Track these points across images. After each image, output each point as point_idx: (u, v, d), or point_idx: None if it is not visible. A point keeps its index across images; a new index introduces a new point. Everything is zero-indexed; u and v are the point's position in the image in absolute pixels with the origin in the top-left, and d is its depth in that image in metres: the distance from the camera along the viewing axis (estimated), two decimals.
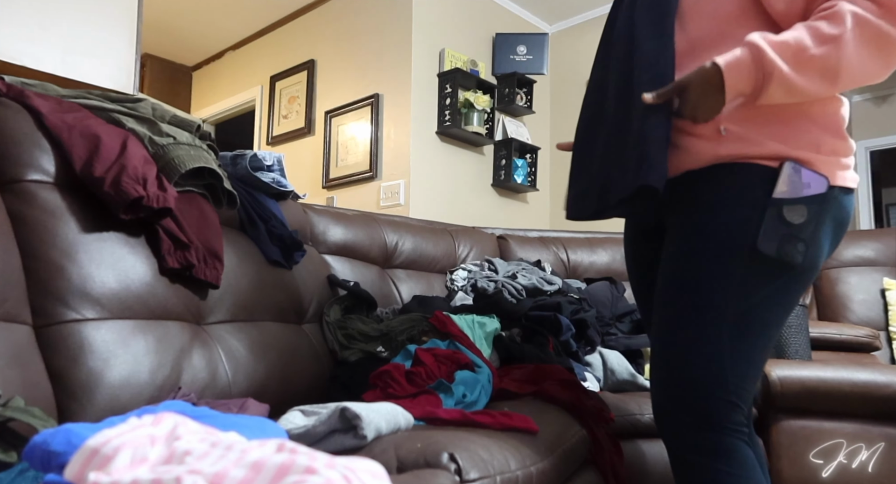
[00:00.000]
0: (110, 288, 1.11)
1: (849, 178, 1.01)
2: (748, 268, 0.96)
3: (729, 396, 0.97)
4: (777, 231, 0.94)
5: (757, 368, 1.00)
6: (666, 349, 1.03)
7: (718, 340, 0.97)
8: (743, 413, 0.99)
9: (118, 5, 1.97)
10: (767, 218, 0.94)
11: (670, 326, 1.02)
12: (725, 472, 0.96)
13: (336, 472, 0.46)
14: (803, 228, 0.95)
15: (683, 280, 1.01)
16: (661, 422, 1.04)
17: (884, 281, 2.44)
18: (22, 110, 1.13)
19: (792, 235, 0.94)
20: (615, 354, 1.99)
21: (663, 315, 1.04)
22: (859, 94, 5.12)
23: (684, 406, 0.99)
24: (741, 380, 0.98)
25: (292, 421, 0.98)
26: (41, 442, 0.54)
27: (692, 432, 0.99)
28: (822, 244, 0.98)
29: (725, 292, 0.97)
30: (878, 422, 1.63)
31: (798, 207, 0.94)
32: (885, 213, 6.70)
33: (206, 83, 4.83)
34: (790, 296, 1.00)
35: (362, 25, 3.63)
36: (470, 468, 0.88)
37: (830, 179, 0.97)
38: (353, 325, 1.66)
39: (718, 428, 0.97)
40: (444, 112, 3.39)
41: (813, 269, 0.99)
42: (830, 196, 0.96)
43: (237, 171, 1.67)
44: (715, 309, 0.97)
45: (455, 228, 2.54)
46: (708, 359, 0.97)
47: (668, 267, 1.04)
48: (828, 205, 0.96)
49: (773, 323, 1.00)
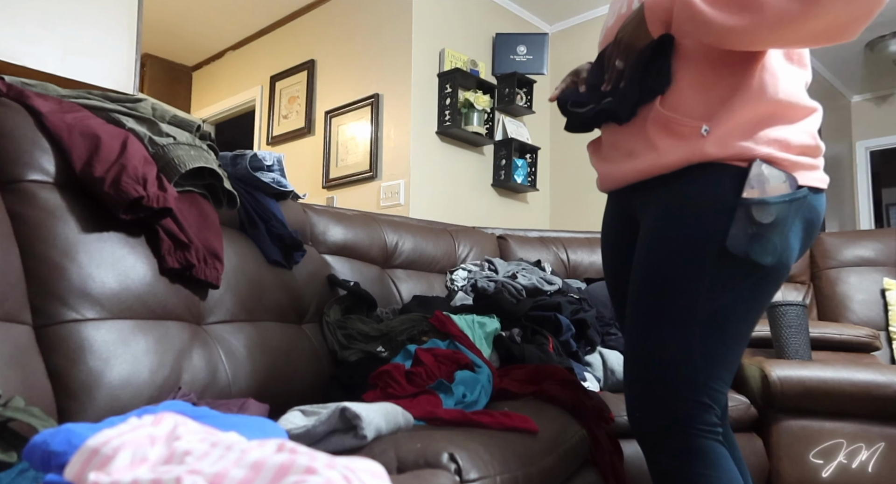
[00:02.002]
0: (110, 288, 1.11)
1: (818, 178, 1.01)
2: (718, 268, 0.96)
3: (700, 396, 0.97)
4: (746, 231, 0.95)
5: (729, 368, 1.01)
6: (637, 350, 1.03)
7: (688, 340, 0.97)
8: (715, 413, 0.99)
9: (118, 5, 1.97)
10: (737, 218, 0.95)
11: (641, 327, 1.03)
12: (699, 473, 0.96)
13: (336, 472, 0.46)
14: (772, 228, 0.95)
15: (653, 280, 1.01)
16: (634, 423, 1.04)
17: (884, 281, 2.44)
18: (22, 110, 1.13)
19: (761, 235, 0.95)
20: (615, 354, 1.99)
21: (634, 315, 1.04)
22: (859, 94, 5.12)
23: (655, 407, 1.00)
24: (713, 380, 0.98)
25: (292, 421, 0.98)
26: (41, 442, 0.54)
27: (664, 433, 0.99)
28: (792, 244, 0.99)
29: (695, 292, 0.97)
30: (878, 422, 1.63)
31: (767, 207, 0.95)
32: (885, 213, 6.70)
33: (206, 83, 4.83)
34: (761, 295, 1.00)
35: (362, 25, 3.63)
36: (470, 468, 0.88)
37: (799, 179, 0.98)
38: (353, 325, 1.66)
39: (690, 429, 0.97)
40: (444, 112, 3.39)
41: (783, 268, 0.99)
42: (800, 196, 0.97)
43: (237, 171, 1.67)
44: (685, 309, 0.98)
45: (455, 228, 2.54)
46: (678, 360, 0.98)
47: (639, 266, 1.05)
48: (797, 205, 0.97)
49: (745, 322, 1.00)
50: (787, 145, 0.98)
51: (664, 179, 1.03)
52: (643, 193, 1.08)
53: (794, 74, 1.02)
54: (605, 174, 1.17)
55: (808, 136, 1.01)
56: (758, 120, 0.98)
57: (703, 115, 0.99)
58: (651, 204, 1.06)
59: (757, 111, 0.98)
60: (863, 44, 4.17)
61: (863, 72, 4.66)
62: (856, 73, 4.68)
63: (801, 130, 1.00)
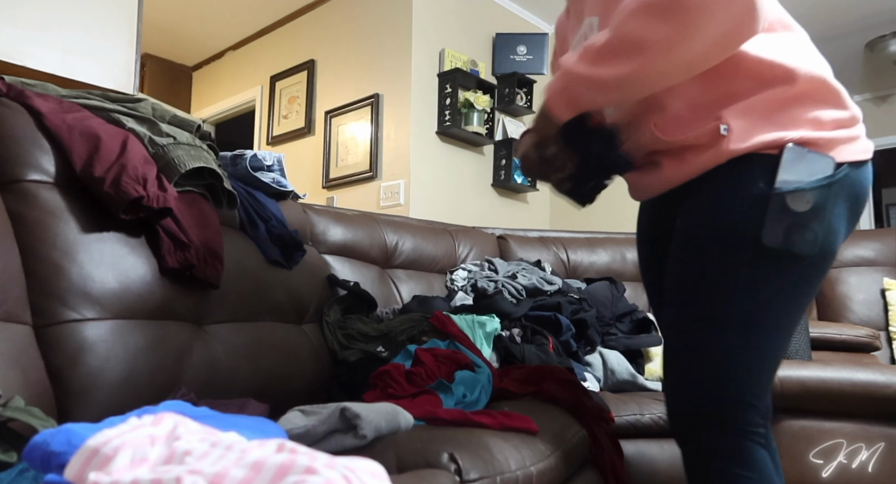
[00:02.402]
0: (110, 288, 1.11)
1: (858, 150, 0.95)
2: (755, 263, 0.92)
3: (743, 396, 0.94)
4: (782, 222, 0.89)
5: (773, 364, 0.97)
6: (676, 352, 1.01)
7: (728, 339, 0.94)
8: (759, 413, 0.96)
9: (118, 5, 1.97)
10: (770, 209, 0.90)
11: (679, 329, 1.00)
12: (741, 475, 0.93)
13: (336, 472, 0.46)
14: (811, 216, 0.90)
15: (690, 280, 0.99)
16: (675, 425, 1.01)
17: (884, 281, 2.44)
18: (22, 110, 1.13)
19: (798, 224, 0.89)
20: (615, 354, 1.99)
21: (672, 317, 1.02)
22: (859, 94, 5.12)
23: (697, 409, 0.97)
24: (755, 379, 0.95)
25: (292, 421, 0.98)
26: (41, 442, 0.53)
27: (706, 435, 0.96)
28: (836, 228, 0.93)
29: (733, 290, 0.94)
30: (878, 422, 1.63)
31: (803, 194, 0.89)
32: (885, 213, 6.70)
33: (206, 83, 4.82)
34: (805, 286, 0.95)
35: (362, 25, 3.63)
36: (470, 468, 0.88)
37: (838, 156, 0.92)
38: (353, 325, 1.66)
39: (733, 430, 0.94)
40: (444, 112, 3.39)
41: (827, 255, 0.94)
42: (839, 177, 0.91)
43: (237, 171, 1.67)
44: (723, 308, 0.94)
45: (455, 228, 2.54)
46: (718, 361, 0.95)
47: (675, 268, 1.02)
48: (837, 186, 0.91)
49: (788, 316, 0.96)
50: (818, 123, 0.92)
51: (695, 181, 1.00)
52: (674, 194, 1.05)
53: (787, 40, 0.96)
54: (633, 181, 1.15)
55: (839, 105, 0.94)
56: (776, 102, 0.93)
57: (713, 116, 0.95)
58: (683, 202, 1.03)
59: (771, 94, 0.93)
60: (863, 44, 4.17)
61: (863, 72, 4.65)
62: (856, 73, 4.68)
63: (829, 99, 0.94)
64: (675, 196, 1.05)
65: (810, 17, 1.04)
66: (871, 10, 3.75)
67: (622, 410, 1.63)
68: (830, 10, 3.71)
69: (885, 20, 3.88)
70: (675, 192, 1.05)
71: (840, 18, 3.84)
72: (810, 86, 0.94)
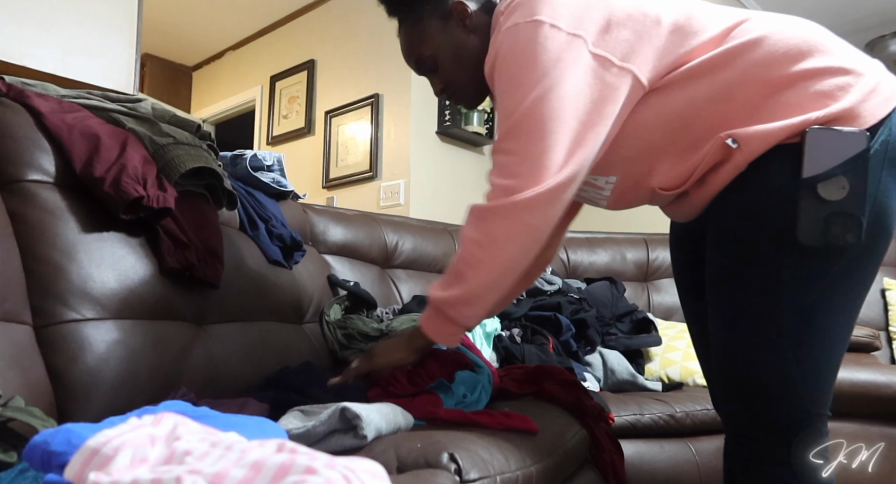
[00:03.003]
0: (110, 288, 1.11)
1: (882, 100, 0.84)
2: (796, 265, 0.85)
3: (806, 406, 0.90)
4: (818, 215, 0.81)
5: (833, 366, 0.91)
6: (731, 371, 0.95)
7: (781, 354, 0.88)
8: (823, 419, 0.92)
9: (118, 5, 1.97)
10: (802, 204, 0.82)
11: (730, 348, 0.94)
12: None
13: (336, 472, 0.46)
14: (850, 201, 0.81)
15: (729, 296, 0.93)
16: (733, 428, 0.98)
17: (884, 281, 2.44)
18: (22, 110, 1.13)
19: (838, 214, 0.81)
20: (615, 354, 1.99)
21: (719, 336, 0.97)
22: None
23: (758, 421, 0.93)
24: (815, 384, 0.90)
25: (292, 421, 0.98)
26: (41, 442, 0.53)
27: (768, 445, 0.92)
28: (888, 204, 0.84)
29: (777, 298, 0.87)
30: (878, 422, 1.63)
31: (836, 180, 0.80)
32: None
33: (206, 83, 4.82)
34: (860, 276, 0.88)
35: (362, 25, 3.63)
36: (470, 468, 0.88)
37: (865, 122, 0.82)
38: (353, 325, 1.66)
39: (796, 440, 0.90)
40: (444, 112, 3.39)
41: (881, 236, 0.85)
42: (876, 146, 0.82)
43: (237, 171, 1.67)
44: (769, 318, 0.88)
45: (455, 228, 2.54)
46: (773, 371, 0.90)
47: (711, 282, 0.96)
48: (877, 156, 0.82)
49: (844, 312, 0.89)
50: (834, 92, 0.84)
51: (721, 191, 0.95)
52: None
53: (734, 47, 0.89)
54: (668, 213, 1.11)
55: (851, 62, 0.86)
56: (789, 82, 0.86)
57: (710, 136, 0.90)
58: (712, 212, 0.98)
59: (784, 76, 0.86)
60: (863, 44, 4.17)
61: None
62: None
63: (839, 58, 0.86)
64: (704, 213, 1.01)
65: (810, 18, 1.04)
66: (871, 10, 3.75)
67: (622, 410, 1.63)
68: (830, 10, 3.71)
69: (885, 20, 3.88)
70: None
71: (840, 18, 3.85)
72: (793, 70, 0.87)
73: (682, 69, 0.92)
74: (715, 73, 0.90)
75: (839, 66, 0.86)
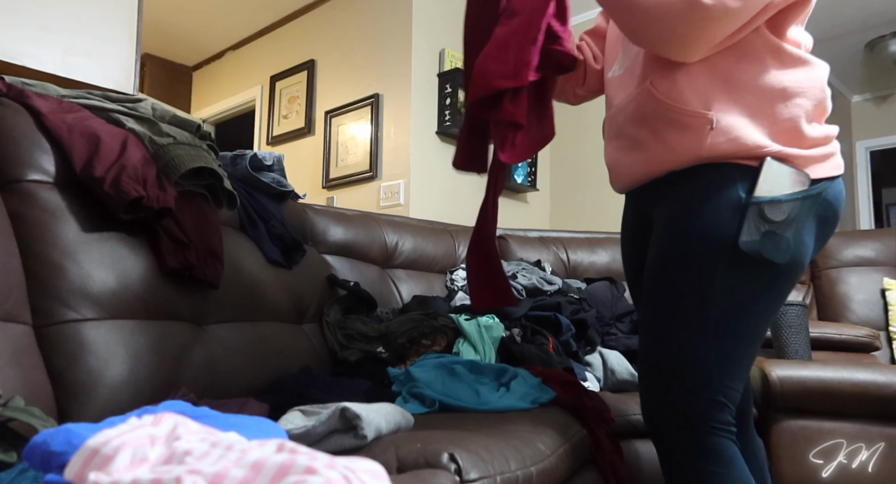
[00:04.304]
0: (110, 288, 1.11)
1: (832, 165, 1.00)
2: (731, 267, 0.96)
3: (716, 395, 0.98)
4: (758, 229, 0.95)
5: (745, 366, 1.01)
6: (651, 349, 1.04)
7: (703, 340, 0.98)
8: (730, 412, 1.00)
9: (118, 5, 1.97)
10: (749, 216, 0.95)
11: (655, 327, 1.03)
12: (712, 471, 0.97)
13: (336, 472, 0.46)
14: (785, 226, 0.95)
15: (667, 280, 1.02)
16: (650, 421, 1.05)
17: (884, 281, 2.44)
18: (22, 110, 1.13)
19: (774, 233, 0.95)
20: (615, 354, 1.99)
21: (648, 315, 1.05)
22: (859, 94, 5.12)
23: (671, 406, 1.01)
24: (728, 379, 0.99)
25: (292, 421, 0.98)
26: (41, 442, 0.53)
27: (679, 432, 1.00)
28: (806, 242, 0.98)
29: (709, 292, 0.97)
30: (878, 422, 1.63)
31: (779, 205, 0.95)
32: (885, 214, 6.70)
33: (206, 83, 4.82)
34: (776, 294, 1.00)
35: (362, 25, 3.63)
36: (470, 468, 0.88)
37: (813, 173, 0.97)
38: (353, 325, 1.66)
39: (705, 427, 0.98)
40: (444, 112, 3.39)
41: (798, 266, 0.99)
42: (813, 193, 0.97)
43: (237, 171, 1.67)
44: (699, 309, 0.98)
45: (455, 228, 2.54)
46: (694, 359, 0.98)
47: (653, 267, 1.05)
48: (810, 202, 0.96)
49: (760, 321, 1.00)
50: (800, 138, 0.97)
51: (674, 179, 1.03)
52: (655, 193, 1.08)
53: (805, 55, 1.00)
54: (613, 162, 1.14)
55: (819, 127, 1.00)
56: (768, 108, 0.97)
57: (706, 104, 0.98)
58: (663, 204, 1.06)
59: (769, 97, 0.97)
60: (863, 44, 4.17)
61: (863, 72, 4.65)
62: (856, 74, 4.68)
63: (815, 111, 0.99)
64: (655, 196, 1.07)
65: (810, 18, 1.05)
66: (871, 10, 3.75)
67: (622, 410, 1.63)
68: (830, 10, 3.71)
69: (886, 20, 3.88)
70: (653, 191, 1.07)
71: (840, 18, 3.84)
72: (807, 101, 0.98)
73: (801, 48, 1.00)
74: (808, 73, 0.99)
75: (830, 127, 1.02)
